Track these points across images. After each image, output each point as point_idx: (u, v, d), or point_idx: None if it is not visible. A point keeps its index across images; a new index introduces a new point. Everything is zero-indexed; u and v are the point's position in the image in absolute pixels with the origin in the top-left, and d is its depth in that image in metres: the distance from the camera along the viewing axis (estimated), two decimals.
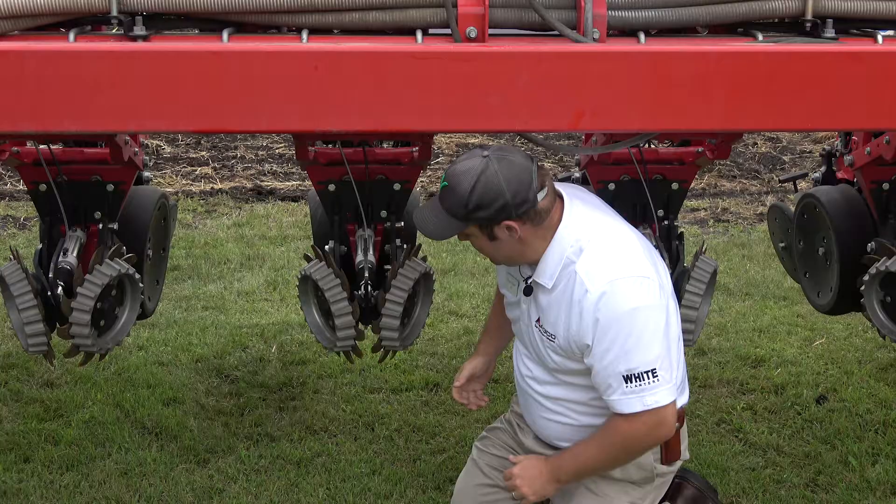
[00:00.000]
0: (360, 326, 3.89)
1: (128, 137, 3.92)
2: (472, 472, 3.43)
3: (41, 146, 3.89)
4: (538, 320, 3.05)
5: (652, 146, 4.16)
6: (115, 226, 3.99)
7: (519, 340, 3.26)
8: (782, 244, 4.78)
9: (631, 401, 2.88)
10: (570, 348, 2.96)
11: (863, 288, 3.99)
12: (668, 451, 3.14)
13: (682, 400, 3.13)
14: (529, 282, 3.05)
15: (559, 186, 3.05)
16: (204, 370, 5.58)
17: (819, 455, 4.71)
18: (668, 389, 2.90)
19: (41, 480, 4.48)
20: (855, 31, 3.16)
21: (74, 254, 3.88)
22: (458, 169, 2.90)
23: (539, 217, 2.92)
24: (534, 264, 3.01)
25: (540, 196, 2.90)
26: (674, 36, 3.17)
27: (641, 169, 4.02)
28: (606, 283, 2.86)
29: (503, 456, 3.37)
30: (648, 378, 2.85)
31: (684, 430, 3.25)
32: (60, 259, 3.85)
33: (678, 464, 3.23)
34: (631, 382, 2.85)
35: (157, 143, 10.27)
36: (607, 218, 3.08)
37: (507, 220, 2.89)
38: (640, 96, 2.87)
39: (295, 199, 9.01)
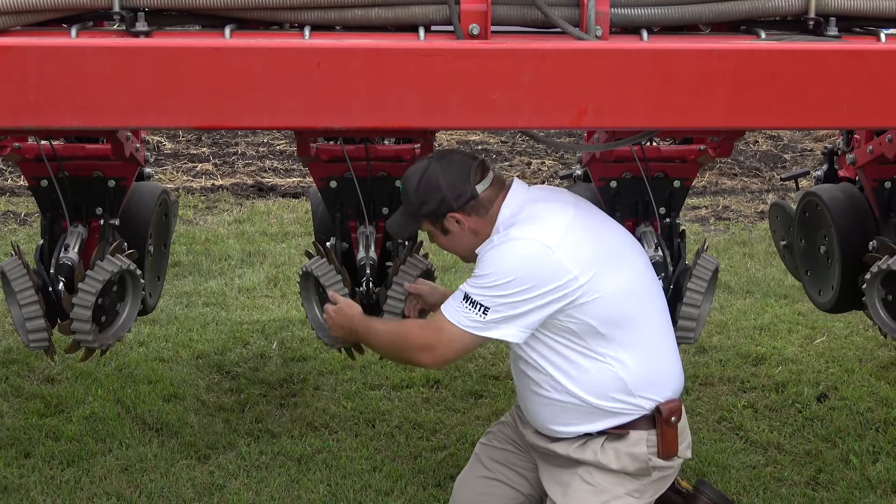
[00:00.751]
0: None
1: (129, 133, 3.92)
2: (474, 464, 3.48)
3: (43, 142, 3.89)
4: None
5: (654, 144, 4.16)
6: (117, 222, 3.99)
7: None
8: (783, 242, 4.77)
9: (452, 307, 3.07)
10: None
11: (864, 286, 3.98)
12: (665, 446, 3.16)
13: (667, 394, 3.17)
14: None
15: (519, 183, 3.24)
16: (205, 366, 5.59)
17: (820, 453, 4.71)
18: (480, 325, 3.04)
19: (42, 476, 4.49)
20: (858, 29, 3.16)
21: (76, 250, 3.88)
22: (408, 173, 3.22)
23: (482, 207, 3.16)
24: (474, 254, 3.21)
25: (479, 188, 3.15)
26: (676, 34, 3.18)
27: (643, 166, 4.02)
28: (504, 239, 3.07)
29: (506, 449, 3.41)
30: (477, 309, 3.03)
31: (684, 427, 3.26)
32: (61, 255, 3.85)
33: (677, 461, 3.23)
34: (466, 302, 3.04)
35: (158, 139, 10.28)
36: (555, 203, 3.20)
37: (450, 212, 3.14)
38: (642, 94, 2.87)
39: (296, 196, 9.01)
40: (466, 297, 3.05)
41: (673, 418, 3.15)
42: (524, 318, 3.04)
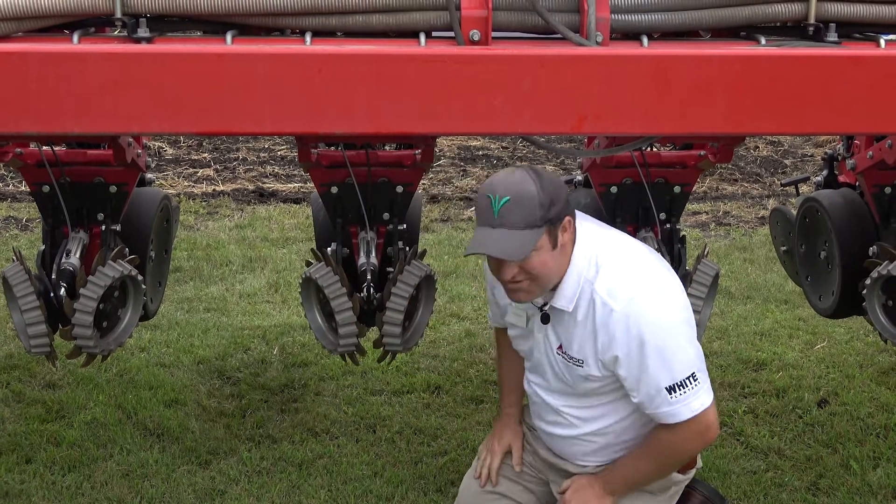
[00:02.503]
0: (362, 326, 3.89)
1: (131, 139, 3.92)
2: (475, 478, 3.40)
3: (44, 147, 3.90)
4: (560, 347, 3.01)
5: (654, 149, 4.17)
6: (118, 227, 4.00)
7: (535, 372, 3.19)
8: (784, 248, 4.78)
9: (678, 410, 2.85)
10: (603, 371, 2.93)
11: (864, 292, 3.99)
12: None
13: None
14: (545, 309, 2.99)
15: None
16: (206, 372, 5.59)
17: (820, 459, 4.71)
18: (707, 390, 2.90)
19: (43, 481, 4.48)
20: (857, 35, 3.17)
21: (77, 255, 3.88)
22: (512, 180, 2.84)
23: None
24: (547, 290, 2.96)
25: None
26: (677, 40, 3.18)
27: (644, 172, 4.02)
28: (630, 300, 2.83)
29: (509, 463, 3.35)
30: (690, 383, 2.84)
31: None
32: (63, 260, 3.85)
33: (692, 472, 3.21)
34: (675, 392, 2.83)
35: (159, 144, 10.28)
36: (611, 231, 3.07)
37: (568, 215, 2.87)
38: (642, 100, 2.87)
39: (297, 202, 9.01)
40: (672, 389, 2.84)
41: None
42: (697, 342, 2.93)
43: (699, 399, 2.87)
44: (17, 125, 2.86)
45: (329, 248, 3.99)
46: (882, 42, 3.05)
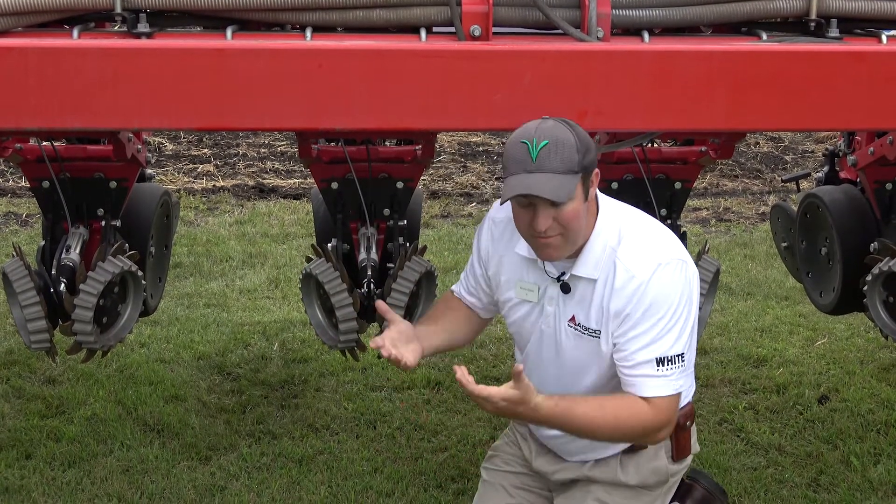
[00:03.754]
0: (362, 322, 3.89)
1: (131, 135, 3.92)
2: (496, 493, 3.24)
3: (44, 143, 3.89)
4: (572, 319, 2.92)
5: (655, 145, 4.16)
6: (118, 223, 3.99)
7: (532, 355, 3.06)
8: (785, 244, 4.77)
9: (660, 384, 2.81)
10: (609, 337, 2.87)
11: (865, 288, 3.98)
12: (679, 449, 3.07)
13: (690, 394, 3.06)
14: (565, 278, 2.89)
15: None
16: (206, 367, 5.58)
17: (821, 455, 4.71)
18: (689, 374, 2.88)
19: (43, 477, 4.48)
20: (859, 30, 3.16)
21: (77, 251, 3.87)
22: (545, 126, 2.71)
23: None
24: (567, 259, 2.87)
25: None
26: (678, 35, 3.18)
27: (644, 168, 4.01)
28: (652, 267, 2.79)
29: (523, 473, 3.23)
30: (677, 362, 2.82)
31: (694, 426, 3.19)
32: (63, 256, 3.85)
33: (688, 461, 3.17)
34: (662, 366, 2.80)
35: (159, 140, 10.28)
36: (631, 207, 3.01)
37: (596, 167, 2.79)
38: (643, 95, 2.87)
39: (297, 197, 9.01)
40: (661, 361, 2.80)
41: (688, 423, 3.08)
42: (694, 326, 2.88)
43: (681, 381, 2.85)
44: (17, 120, 2.87)
45: (329, 244, 3.98)
46: (883, 38, 3.05)
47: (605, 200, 2.91)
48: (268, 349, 5.84)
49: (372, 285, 3.89)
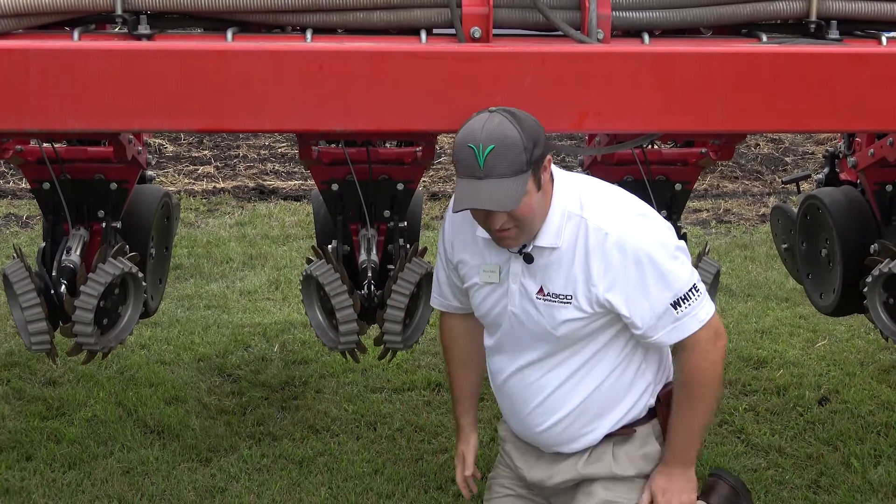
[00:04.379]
0: (363, 323, 3.89)
1: (131, 136, 3.92)
2: None
3: (45, 145, 3.89)
4: (540, 291, 2.89)
5: (655, 147, 4.16)
6: (119, 224, 3.99)
7: (502, 341, 3.03)
8: (785, 245, 4.77)
9: (687, 323, 2.82)
10: (592, 302, 2.83)
11: (865, 290, 3.98)
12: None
13: (666, 379, 3.05)
14: (527, 250, 2.87)
15: None
16: (206, 369, 5.59)
17: (821, 456, 4.71)
18: (708, 299, 2.87)
19: (43, 479, 4.48)
20: (859, 32, 3.16)
21: (77, 252, 3.88)
22: (491, 127, 2.68)
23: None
24: (533, 233, 2.86)
25: None
26: (678, 37, 3.18)
27: (645, 170, 4.02)
28: (623, 223, 2.80)
29: (516, 494, 3.21)
30: (694, 295, 2.81)
31: None
32: (64, 258, 3.85)
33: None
34: (680, 306, 2.80)
35: (160, 141, 10.28)
36: (583, 175, 3.05)
37: (547, 154, 2.77)
38: (643, 97, 2.87)
39: (297, 199, 9.01)
40: (676, 303, 2.81)
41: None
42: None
43: (704, 308, 2.84)
44: (18, 122, 2.87)
45: (330, 246, 3.99)
46: (883, 39, 3.04)
47: (559, 174, 2.91)
48: (268, 351, 5.84)
49: (372, 287, 3.89)
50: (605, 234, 2.79)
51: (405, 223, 4.04)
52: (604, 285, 2.81)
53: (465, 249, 3.02)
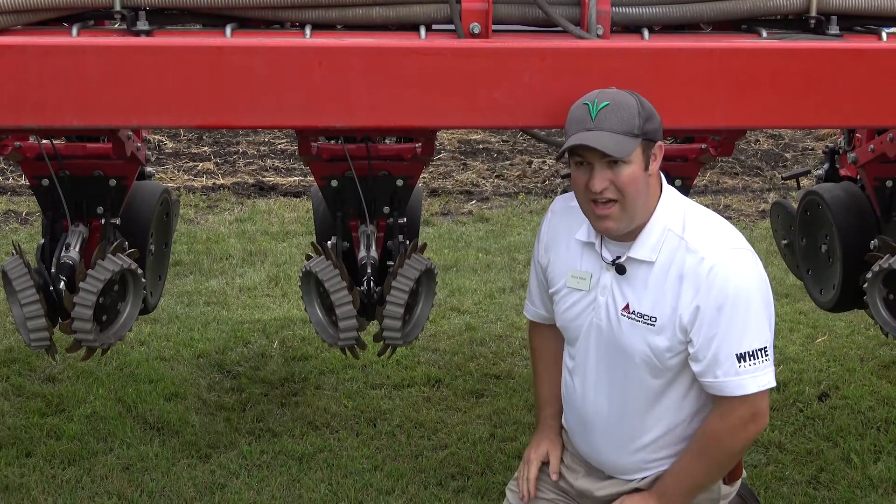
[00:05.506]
0: (362, 319, 3.89)
1: (130, 132, 3.92)
2: None
3: (44, 141, 3.89)
4: (626, 307, 2.81)
5: None
6: (118, 221, 3.99)
7: (579, 354, 2.96)
8: (785, 241, 4.77)
9: (744, 381, 2.70)
10: (674, 330, 2.74)
11: (865, 285, 3.98)
12: (732, 470, 2.96)
13: None
14: (620, 260, 2.81)
15: None
16: (206, 365, 5.59)
17: (821, 452, 4.71)
18: (773, 371, 2.75)
19: (43, 475, 4.49)
20: (859, 28, 3.16)
21: (77, 249, 3.87)
22: (609, 91, 2.73)
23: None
24: (624, 241, 2.81)
25: None
26: (678, 33, 3.17)
27: None
28: (725, 251, 2.71)
29: (547, 498, 3.13)
30: (761, 356, 2.70)
31: None
32: (63, 254, 3.84)
33: (738, 483, 3.06)
34: (744, 361, 2.69)
35: (159, 138, 10.28)
36: (698, 204, 2.95)
37: (660, 141, 2.76)
38: (643, 93, 2.87)
39: (297, 195, 9.01)
40: (742, 357, 2.69)
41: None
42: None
43: (766, 376, 2.71)
44: (17, 118, 2.86)
45: (329, 242, 3.98)
46: (884, 35, 3.05)
47: (668, 189, 2.86)
48: (268, 347, 5.83)
49: (372, 283, 3.88)
50: (701, 259, 2.71)
51: (405, 219, 4.04)
52: (688, 311, 2.72)
53: (558, 251, 2.98)
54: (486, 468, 4.58)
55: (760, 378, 2.72)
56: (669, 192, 2.85)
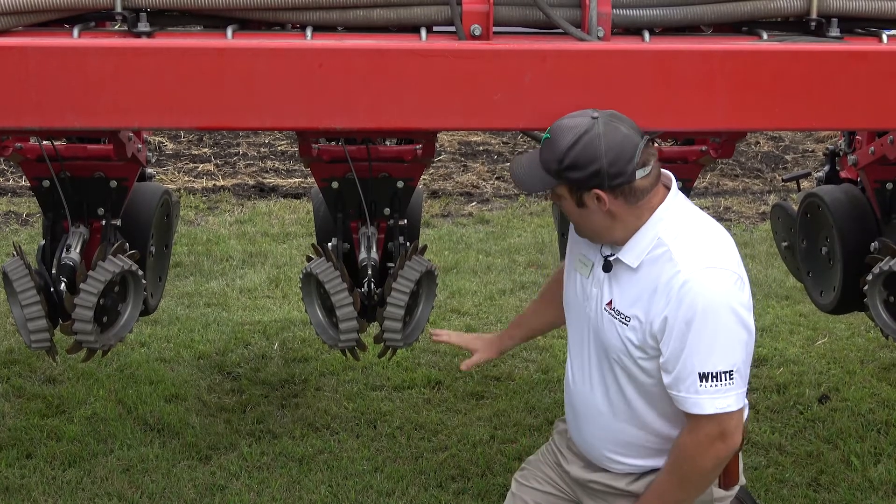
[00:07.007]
0: (363, 321, 3.89)
1: (131, 134, 3.92)
2: None
3: (44, 142, 3.89)
4: (609, 303, 2.83)
5: (655, 145, 4.16)
6: (118, 222, 3.99)
7: (575, 340, 3.02)
8: (785, 243, 4.77)
9: (702, 401, 2.70)
10: (644, 335, 2.75)
11: (866, 287, 3.98)
12: (727, 475, 2.93)
13: (744, 415, 2.95)
14: (610, 258, 2.84)
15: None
16: (206, 367, 5.59)
17: (821, 454, 4.71)
18: (739, 396, 2.75)
19: (43, 476, 4.49)
20: (860, 30, 3.16)
21: (77, 250, 3.87)
22: (564, 124, 2.72)
23: (634, 195, 2.73)
24: (616, 244, 2.82)
25: (639, 174, 2.71)
26: (678, 34, 3.17)
27: None
28: (702, 268, 2.70)
29: (548, 492, 3.17)
30: (725, 379, 2.69)
31: (741, 453, 3.04)
32: (63, 255, 3.85)
33: (735, 489, 3.03)
34: (706, 382, 2.68)
35: (160, 139, 10.28)
36: (708, 218, 2.94)
37: (597, 188, 2.71)
38: (644, 95, 2.87)
39: (297, 197, 9.01)
40: (705, 377, 2.67)
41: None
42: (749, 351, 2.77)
43: (727, 399, 2.72)
44: (18, 120, 2.86)
45: (330, 244, 3.98)
46: (884, 37, 3.04)
47: (675, 199, 2.85)
48: (268, 348, 5.84)
49: (372, 284, 3.88)
50: (677, 272, 2.70)
51: (405, 221, 4.04)
52: (657, 320, 2.72)
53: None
54: (487, 470, 4.58)
55: (719, 401, 2.71)
56: (673, 200, 2.84)
